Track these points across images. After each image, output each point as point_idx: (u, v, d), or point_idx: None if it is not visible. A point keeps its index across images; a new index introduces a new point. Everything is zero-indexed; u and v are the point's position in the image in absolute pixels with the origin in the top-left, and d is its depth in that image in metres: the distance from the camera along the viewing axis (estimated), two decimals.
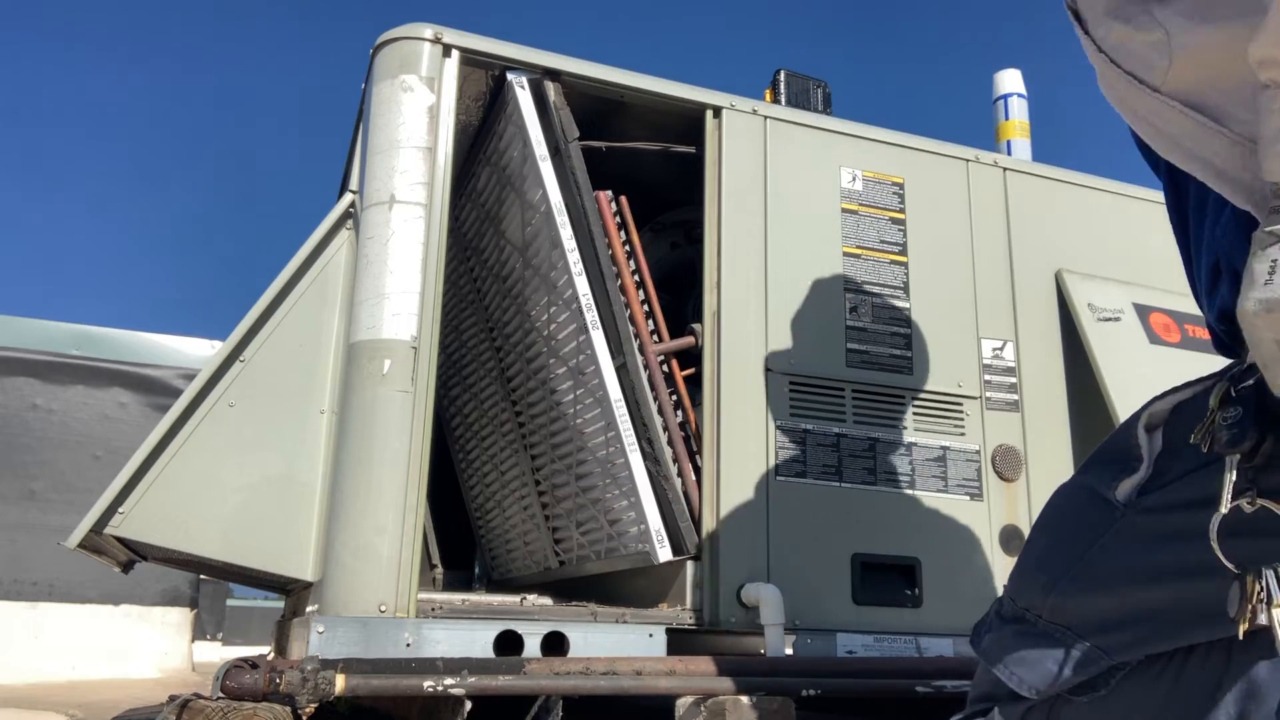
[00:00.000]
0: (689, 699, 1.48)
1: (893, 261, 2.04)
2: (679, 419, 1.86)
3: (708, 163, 2.00)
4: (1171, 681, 0.88)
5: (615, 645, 1.63)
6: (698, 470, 1.83)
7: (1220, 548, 0.78)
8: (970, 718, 1.05)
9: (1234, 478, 0.78)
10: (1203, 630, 0.84)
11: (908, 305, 2.03)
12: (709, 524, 1.79)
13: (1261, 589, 0.76)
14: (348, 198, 1.94)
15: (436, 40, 1.81)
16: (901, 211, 2.07)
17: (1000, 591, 1.45)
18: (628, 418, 1.81)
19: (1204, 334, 0.91)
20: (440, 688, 1.38)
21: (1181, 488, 0.85)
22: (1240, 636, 0.77)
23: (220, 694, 1.32)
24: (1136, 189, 2.32)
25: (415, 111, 1.77)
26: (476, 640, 1.57)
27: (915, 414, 1.97)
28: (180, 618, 5.52)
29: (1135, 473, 0.87)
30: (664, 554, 1.75)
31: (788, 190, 2.00)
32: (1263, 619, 0.76)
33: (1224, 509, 0.78)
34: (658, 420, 1.81)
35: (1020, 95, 2.56)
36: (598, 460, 1.94)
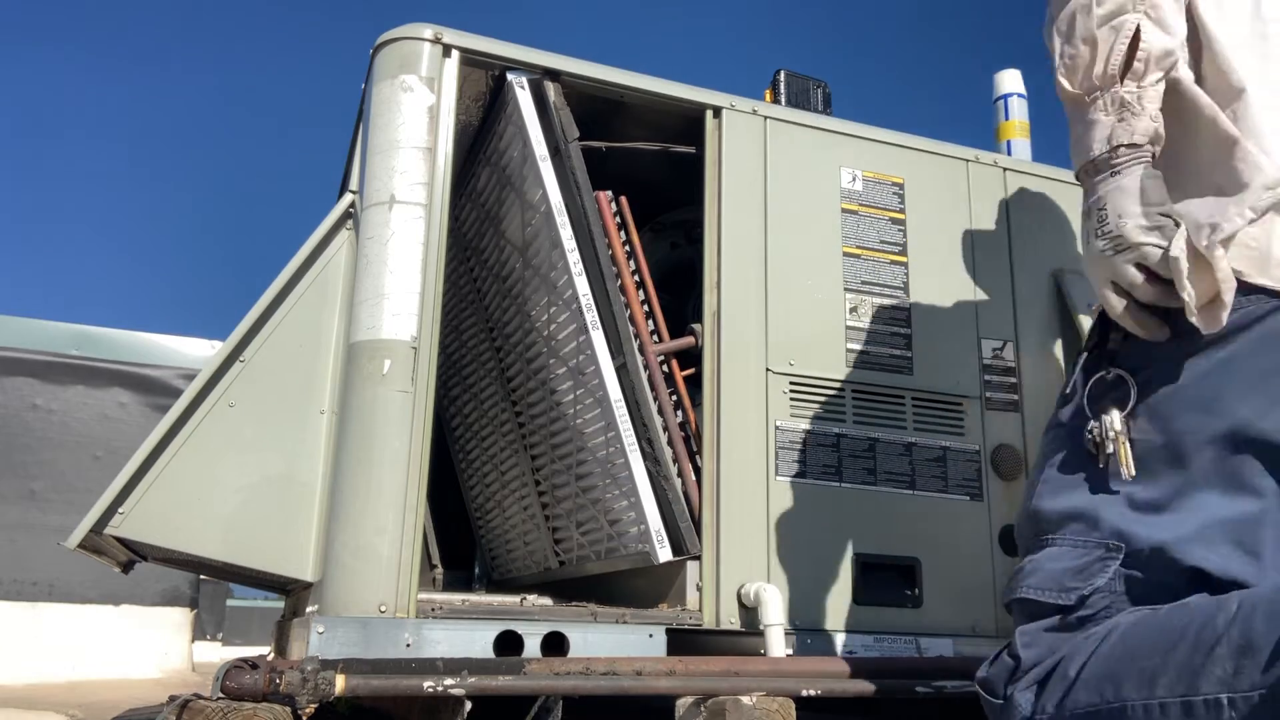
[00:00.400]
0: (689, 699, 1.48)
1: (893, 261, 2.04)
2: (679, 419, 1.86)
3: (708, 163, 2.00)
4: (1187, 614, 0.98)
5: (615, 645, 1.63)
6: (698, 470, 1.83)
7: (1089, 409, 1.10)
8: (1002, 650, 1.11)
9: (1084, 358, 1.12)
10: (1107, 490, 1.08)
11: (908, 305, 2.03)
12: (709, 524, 1.79)
13: (1107, 427, 1.07)
14: (348, 198, 1.94)
15: (436, 40, 1.81)
16: (901, 211, 2.07)
17: (1000, 593, 1.50)
18: (628, 418, 1.81)
19: None
20: (440, 688, 1.38)
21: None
22: (1101, 465, 1.07)
23: (220, 694, 1.32)
24: None
25: (415, 111, 1.77)
26: (476, 640, 1.57)
27: (915, 414, 1.97)
28: (180, 618, 5.52)
29: (1074, 394, 1.14)
30: (664, 554, 1.75)
31: (788, 190, 2.00)
32: (1110, 450, 1.06)
33: (1079, 380, 1.11)
34: (658, 420, 1.81)
35: (1020, 95, 2.55)
36: (598, 460, 1.94)
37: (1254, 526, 1.04)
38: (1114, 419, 1.07)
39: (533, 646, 1.59)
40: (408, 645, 1.53)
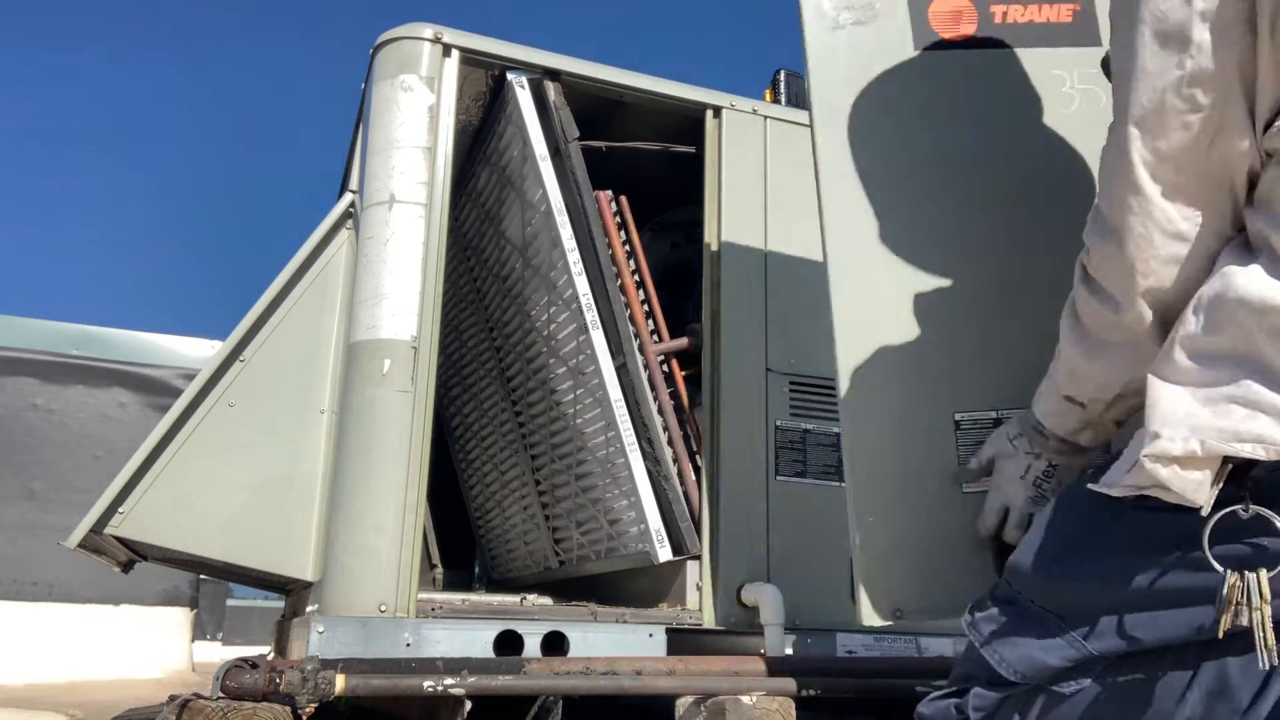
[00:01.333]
0: (689, 699, 1.48)
1: None
2: (679, 419, 1.86)
3: (708, 163, 2.00)
4: (1143, 682, 0.91)
5: (615, 645, 1.63)
6: (698, 470, 1.83)
7: (1210, 551, 0.83)
8: (948, 695, 1.06)
9: (1222, 484, 0.83)
10: (1186, 628, 0.88)
11: None
12: (709, 524, 1.79)
13: (1242, 591, 0.81)
14: (348, 198, 1.94)
15: (436, 40, 1.82)
16: None
17: None
18: (628, 418, 1.81)
19: None
20: (440, 688, 1.38)
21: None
22: (1220, 636, 0.82)
23: (220, 694, 1.32)
24: None
25: (415, 111, 1.77)
26: (476, 640, 1.57)
27: None
28: (180, 618, 5.52)
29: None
30: (664, 554, 1.75)
31: (788, 190, 2.00)
32: (1244, 620, 0.81)
33: (1206, 511, 0.82)
34: (658, 420, 1.81)
35: None
36: (598, 460, 1.94)
37: None
38: (1263, 581, 0.81)
39: (533, 646, 1.59)
40: (408, 645, 1.53)
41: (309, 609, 1.75)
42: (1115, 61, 0.92)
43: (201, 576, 5.36)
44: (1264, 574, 0.81)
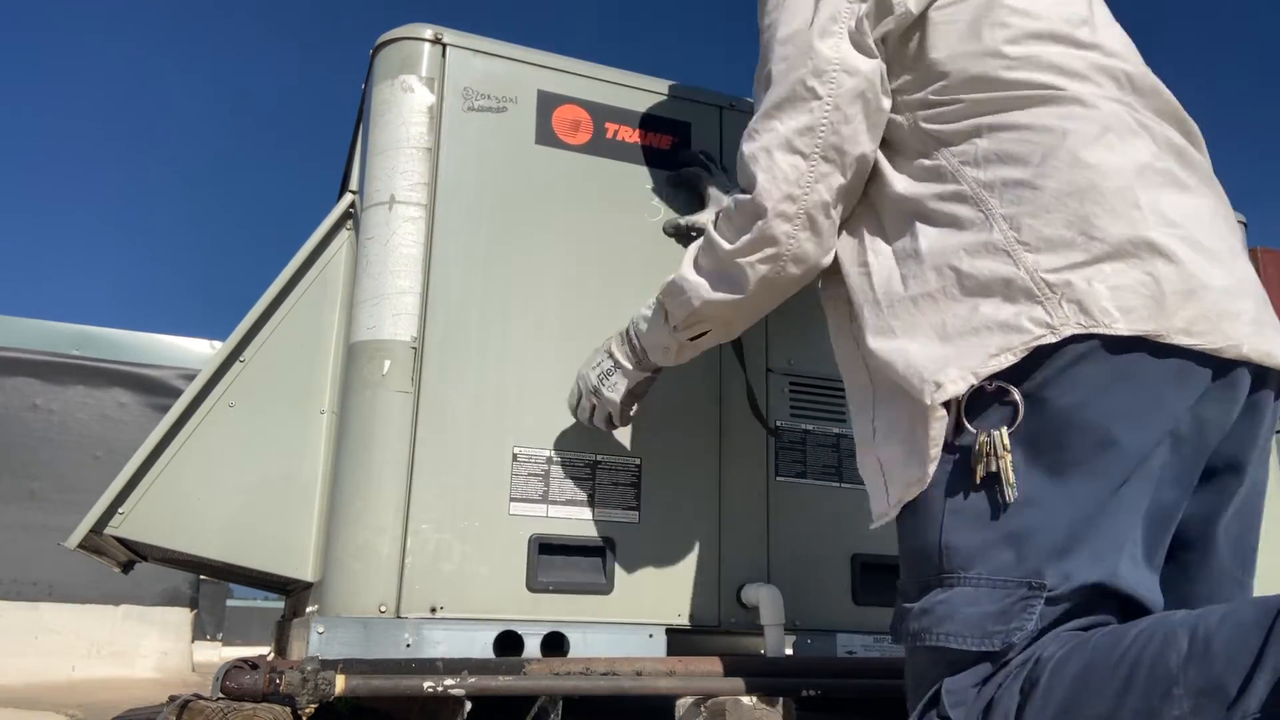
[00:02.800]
0: (689, 699, 1.48)
1: None
2: None
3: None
4: (1135, 652, 0.95)
5: (615, 646, 1.63)
6: None
7: (970, 424, 1.07)
8: (925, 710, 1.06)
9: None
10: (1030, 532, 1.05)
11: None
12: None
13: (989, 444, 1.04)
14: (348, 198, 1.94)
15: (436, 40, 1.82)
16: None
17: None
18: None
19: None
20: (440, 688, 1.38)
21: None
22: (977, 481, 1.04)
23: (220, 694, 1.32)
24: None
25: (415, 111, 1.77)
26: (476, 640, 1.57)
27: None
28: (180, 618, 5.52)
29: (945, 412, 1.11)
30: None
31: None
32: (993, 467, 1.03)
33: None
34: None
35: None
36: None
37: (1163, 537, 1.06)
38: (1003, 435, 1.03)
39: (533, 646, 1.59)
40: (408, 645, 1.54)
41: (309, 609, 1.75)
42: None
43: (201, 577, 5.36)
44: (1004, 430, 1.03)
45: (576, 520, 1.69)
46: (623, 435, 1.76)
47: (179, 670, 5.36)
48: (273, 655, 2.29)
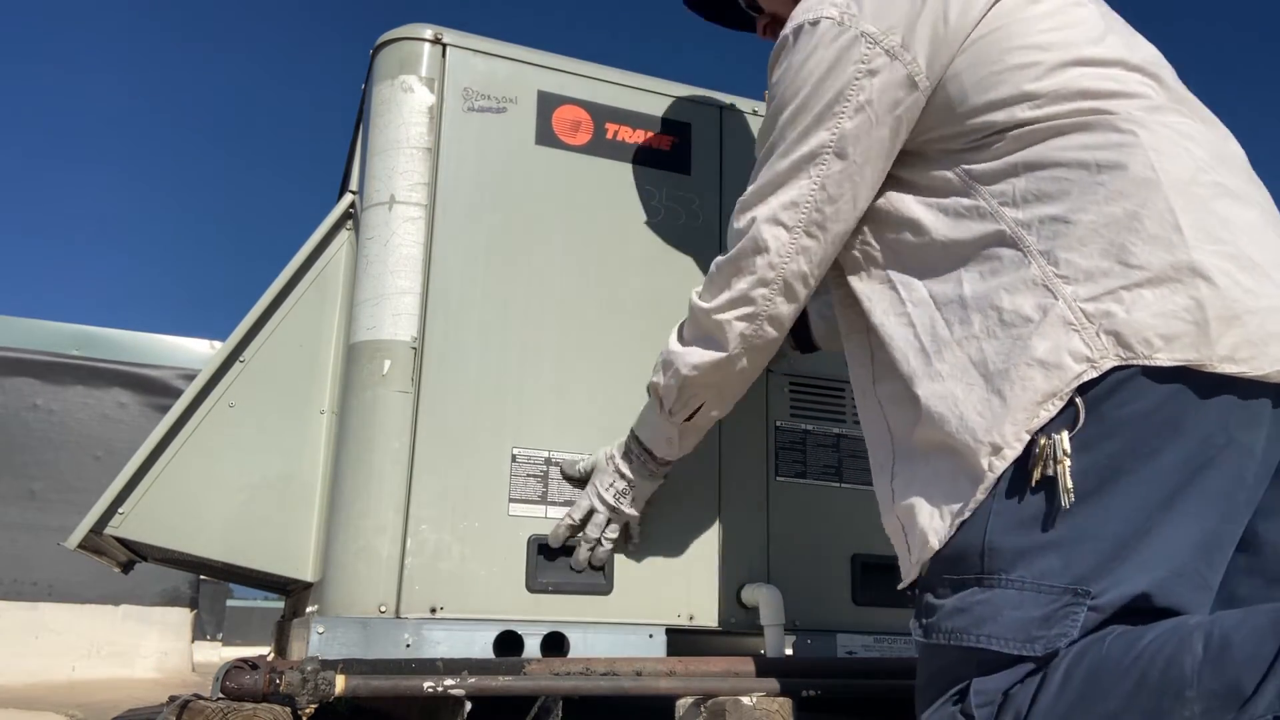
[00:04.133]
0: (689, 699, 1.48)
1: None
2: None
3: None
4: (1150, 652, 0.93)
5: (615, 646, 1.63)
6: None
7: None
8: (946, 703, 1.05)
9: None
10: (1091, 538, 1.04)
11: None
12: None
13: (1050, 447, 1.03)
14: (348, 198, 1.94)
15: (436, 41, 1.82)
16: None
17: None
18: None
19: None
20: (440, 688, 1.38)
21: None
22: (1033, 485, 1.03)
23: (220, 694, 1.32)
24: None
25: (415, 112, 1.77)
26: (476, 641, 1.57)
27: None
28: (180, 618, 5.52)
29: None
30: None
31: None
32: (1050, 471, 1.02)
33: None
34: None
35: None
36: None
37: (1214, 555, 1.05)
38: (1064, 440, 1.02)
39: (533, 647, 1.59)
40: (408, 645, 1.54)
41: (309, 609, 1.75)
42: None
43: (201, 576, 5.36)
44: (1065, 435, 1.02)
45: None
46: (622, 435, 1.75)
47: (179, 670, 5.36)
48: (273, 655, 2.29)
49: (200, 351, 5.61)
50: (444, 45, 1.82)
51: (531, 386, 1.72)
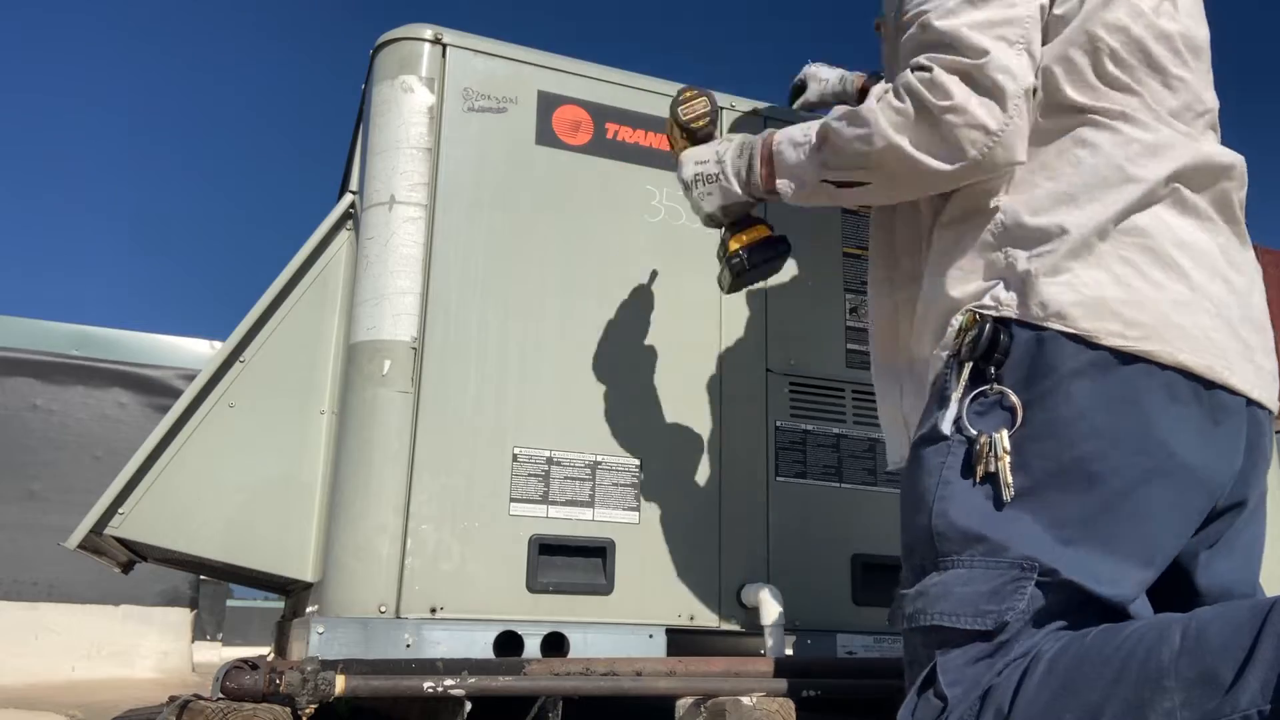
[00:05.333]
0: (689, 700, 1.48)
1: None
2: None
3: None
4: (1130, 645, 0.96)
5: (615, 646, 1.63)
6: None
7: (971, 424, 1.10)
8: (920, 690, 1.07)
9: (969, 376, 1.12)
10: (1023, 513, 1.07)
11: None
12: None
13: (989, 446, 1.07)
14: (348, 198, 1.94)
15: (436, 41, 1.82)
16: None
17: None
18: None
19: None
20: (440, 688, 1.38)
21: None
22: (975, 481, 1.08)
23: (220, 695, 1.32)
24: None
25: (415, 112, 1.77)
26: (476, 641, 1.57)
27: None
28: (180, 618, 5.51)
29: (947, 405, 1.14)
30: None
31: None
32: (991, 468, 1.06)
33: (959, 393, 1.12)
34: None
35: None
36: None
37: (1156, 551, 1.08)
38: (1004, 438, 1.07)
39: (533, 647, 1.59)
40: (408, 645, 1.54)
41: (309, 610, 1.75)
42: None
43: (201, 577, 5.36)
44: (1005, 432, 1.07)
45: (576, 520, 1.69)
46: (623, 435, 1.76)
47: (179, 670, 5.36)
48: (273, 655, 2.29)
49: (200, 351, 5.61)
50: (444, 45, 1.82)
51: (531, 386, 1.72)
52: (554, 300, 1.78)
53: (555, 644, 1.62)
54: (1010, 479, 1.05)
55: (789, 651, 1.72)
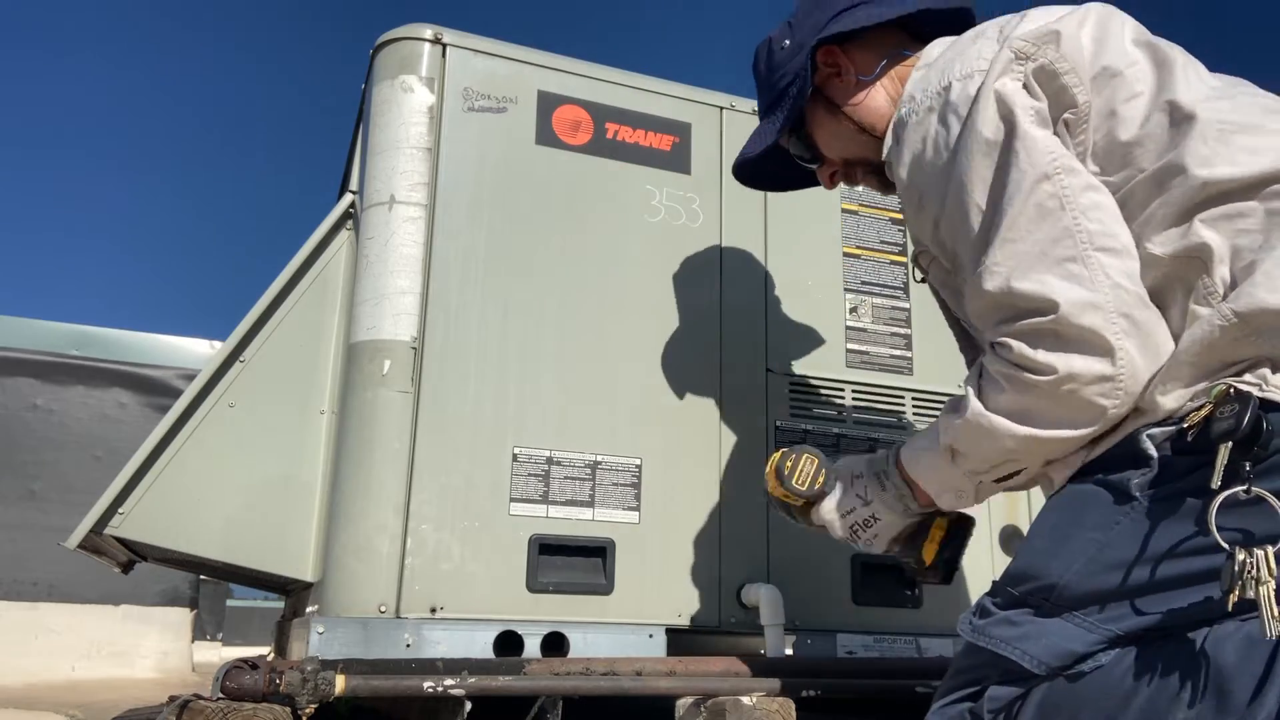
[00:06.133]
0: (689, 699, 1.48)
1: (892, 262, 2.04)
2: None
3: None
4: (1149, 667, 0.93)
5: (615, 646, 1.63)
6: None
7: (1217, 530, 0.90)
8: (959, 700, 1.07)
9: (1225, 462, 0.90)
10: (1198, 606, 0.94)
11: (908, 305, 2.03)
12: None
13: (1252, 566, 0.87)
14: (348, 198, 1.94)
15: (436, 40, 1.82)
16: (902, 211, 2.07)
17: None
18: None
19: None
20: (440, 688, 1.38)
21: (1189, 480, 0.95)
22: (1229, 609, 0.89)
23: (220, 694, 1.32)
24: None
25: (415, 112, 1.77)
26: (476, 640, 1.57)
27: (915, 414, 1.97)
28: (180, 618, 5.52)
29: (1149, 469, 0.98)
30: None
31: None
32: (1250, 594, 0.87)
33: (1216, 485, 0.90)
34: None
35: None
36: None
37: None
38: (1270, 558, 0.87)
39: (533, 647, 1.59)
40: (408, 645, 1.54)
41: (309, 609, 1.75)
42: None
43: (201, 576, 5.36)
44: (1269, 550, 0.87)
45: (576, 520, 1.69)
46: (622, 435, 1.76)
47: (179, 670, 5.36)
48: (273, 655, 2.29)
49: (200, 351, 5.61)
50: (444, 45, 1.82)
51: (531, 386, 1.72)
52: (554, 300, 1.78)
53: (555, 644, 1.62)
54: (1276, 610, 0.86)
55: (789, 651, 1.72)
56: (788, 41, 1.37)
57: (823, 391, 1.93)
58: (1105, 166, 1.07)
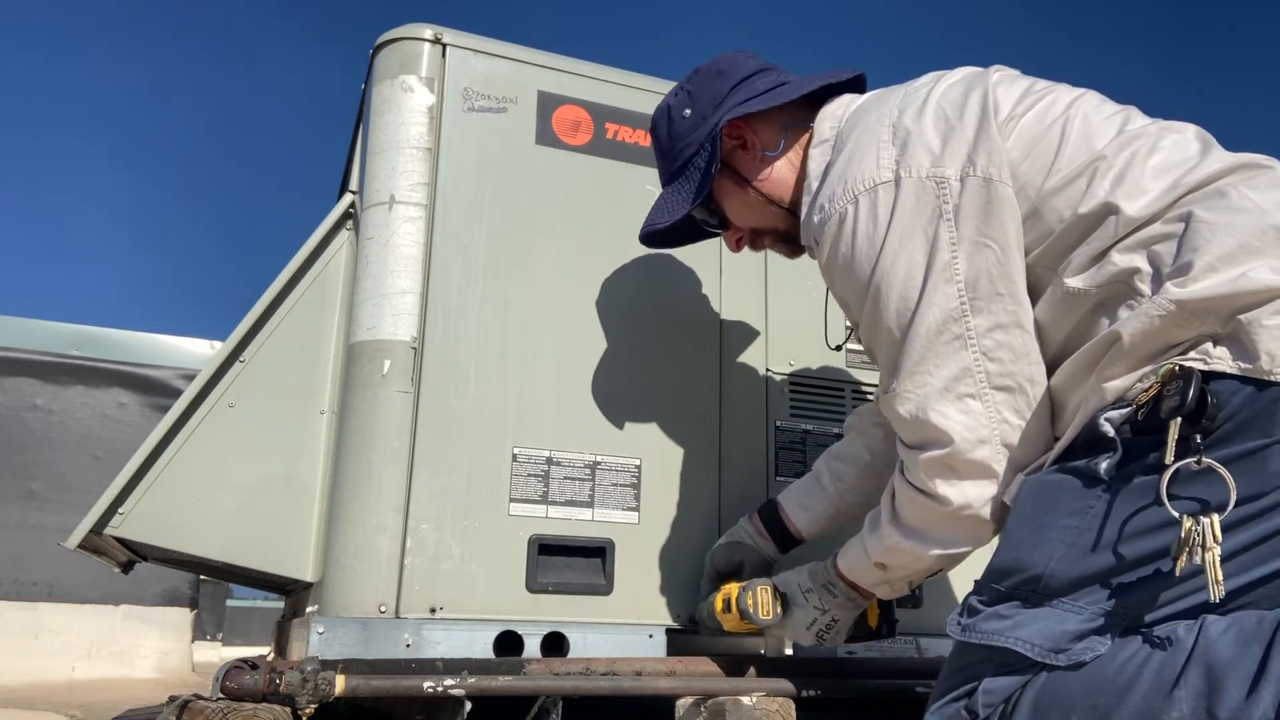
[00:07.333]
0: (689, 699, 1.48)
1: None
2: None
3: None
4: (1145, 662, 0.94)
5: (615, 646, 1.63)
6: None
7: (1171, 502, 0.95)
8: (954, 700, 1.07)
9: (1177, 437, 0.94)
10: (1169, 580, 0.97)
11: None
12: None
13: (1198, 534, 0.92)
14: (347, 198, 1.94)
15: (436, 40, 1.82)
16: None
17: None
18: None
19: None
20: (440, 688, 1.38)
21: (1152, 459, 0.98)
22: (1177, 573, 0.94)
23: (220, 695, 1.32)
24: None
25: (415, 112, 1.77)
26: (476, 641, 1.57)
27: None
28: (180, 618, 5.52)
29: (1114, 451, 1.01)
30: None
31: None
32: (1198, 559, 0.92)
33: (1169, 460, 0.94)
34: None
35: None
36: None
37: None
38: (1215, 525, 0.91)
39: (533, 647, 1.59)
40: (408, 645, 1.54)
41: (309, 609, 1.75)
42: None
43: (201, 577, 5.36)
44: (1215, 518, 0.92)
45: (576, 520, 1.69)
46: (622, 436, 1.76)
47: (179, 670, 5.36)
48: (273, 655, 2.29)
49: (200, 351, 5.61)
50: (444, 45, 1.82)
51: (531, 387, 1.72)
52: (554, 300, 1.78)
53: (555, 644, 1.62)
54: (1221, 575, 0.90)
55: (789, 651, 1.72)
56: (688, 111, 1.44)
57: (823, 391, 1.93)
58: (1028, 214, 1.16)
